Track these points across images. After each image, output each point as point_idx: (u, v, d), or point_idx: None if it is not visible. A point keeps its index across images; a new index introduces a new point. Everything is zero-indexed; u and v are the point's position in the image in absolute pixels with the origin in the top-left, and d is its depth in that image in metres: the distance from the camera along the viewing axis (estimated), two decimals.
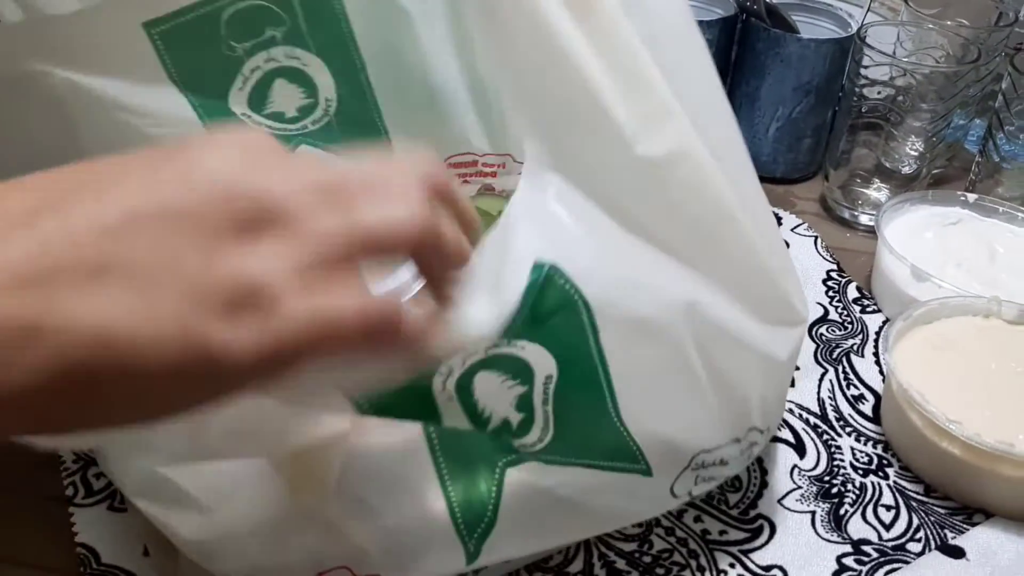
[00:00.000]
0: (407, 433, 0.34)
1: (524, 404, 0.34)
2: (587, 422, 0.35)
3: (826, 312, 0.60)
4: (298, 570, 0.35)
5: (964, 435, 0.45)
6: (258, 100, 0.44)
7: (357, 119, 0.47)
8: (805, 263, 0.64)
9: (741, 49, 0.71)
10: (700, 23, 0.67)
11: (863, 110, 0.67)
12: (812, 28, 0.73)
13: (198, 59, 0.40)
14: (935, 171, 0.74)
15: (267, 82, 0.44)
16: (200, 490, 0.34)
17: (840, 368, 0.56)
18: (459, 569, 0.37)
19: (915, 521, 0.47)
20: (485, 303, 0.31)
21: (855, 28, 0.70)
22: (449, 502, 0.35)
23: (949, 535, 0.46)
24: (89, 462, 0.46)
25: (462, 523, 0.35)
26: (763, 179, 0.70)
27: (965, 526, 0.47)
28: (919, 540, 0.46)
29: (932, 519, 0.47)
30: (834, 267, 0.64)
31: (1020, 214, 0.62)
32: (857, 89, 0.66)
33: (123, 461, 0.37)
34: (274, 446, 0.34)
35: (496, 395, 0.33)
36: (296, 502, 0.35)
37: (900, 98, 0.64)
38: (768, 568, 0.44)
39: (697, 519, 0.46)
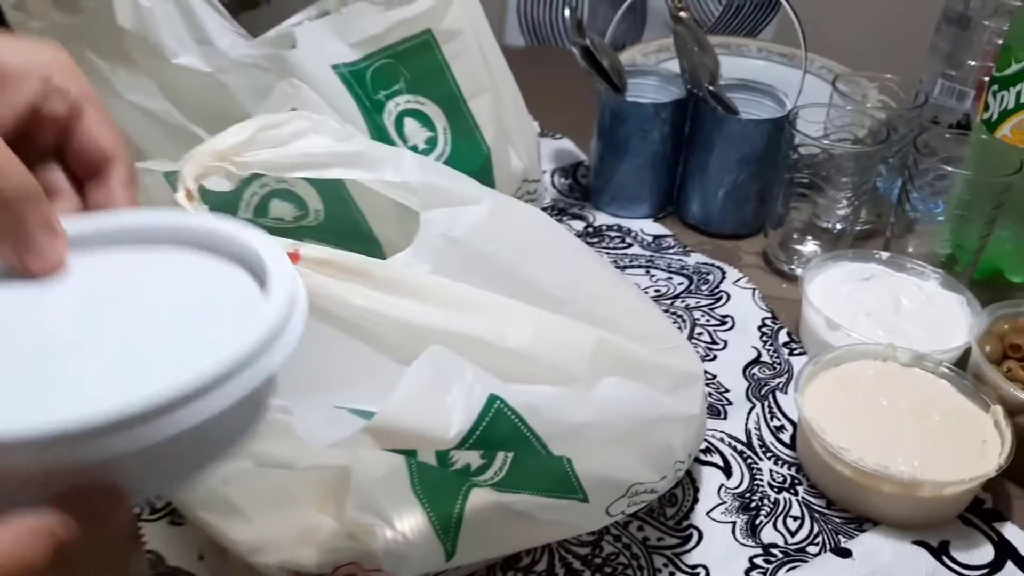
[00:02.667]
0: (395, 463, 0.45)
1: (488, 455, 0.45)
2: (535, 469, 0.46)
3: (759, 355, 0.72)
4: (320, 564, 0.46)
5: (850, 459, 0.56)
6: (260, 213, 0.56)
7: (344, 221, 0.59)
8: (744, 312, 0.75)
9: (692, 126, 0.83)
10: (658, 104, 0.80)
11: (796, 178, 0.78)
12: (755, 106, 0.84)
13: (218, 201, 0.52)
14: (866, 226, 0.86)
15: (264, 203, 0.57)
16: (248, 504, 0.46)
17: (766, 403, 0.67)
18: (441, 565, 0.48)
19: (816, 529, 0.58)
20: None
21: (790, 107, 0.81)
22: (427, 514, 0.46)
23: (842, 539, 0.57)
24: None
25: (439, 529, 0.46)
26: (714, 235, 0.83)
27: (856, 532, 0.58)
28: (817, 544, 0.57)
29: (830, 527, 0.58)
30: (768, 315, 0.75)
31: (926, 270, 0.74)
32: (790, 161, 0.78)
33: None
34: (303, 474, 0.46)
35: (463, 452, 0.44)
36: (319, 513, 0.47)
37: (824, 173, 0.76)
38: (694, 567, 0.55)
39: (640, 528, 0.57)
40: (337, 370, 0.54)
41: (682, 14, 0.92)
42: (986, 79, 0.79)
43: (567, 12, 0.79)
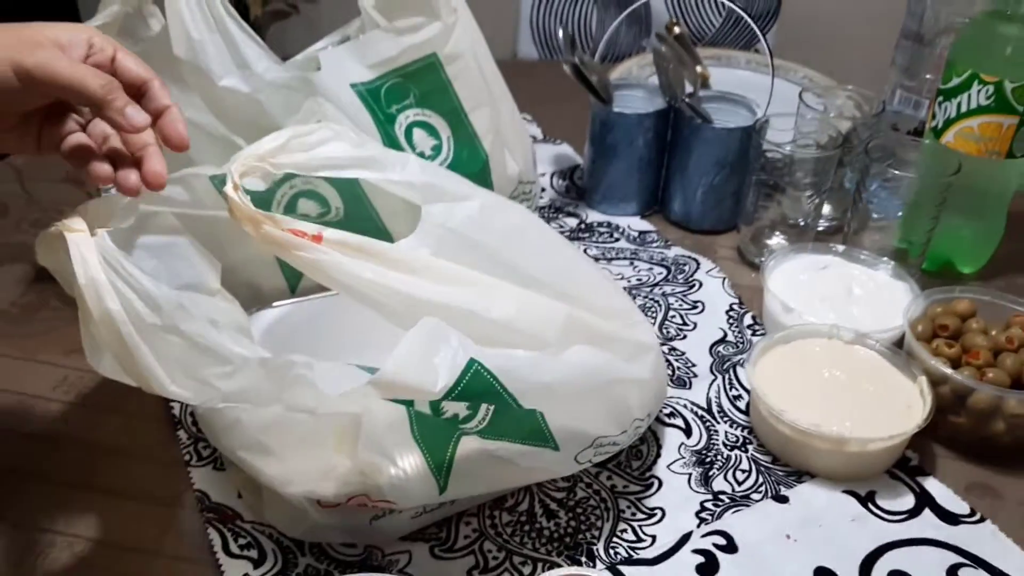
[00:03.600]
0: (398, 412, 0.56)
1: (473, 406, 0.55)
2: (512, 421, 0.57)
3: (725, 335, 0.81)
4: (337, 495, 0.57)
5: (788, 419, 0.66)
6: (289, 210, 0.67)
7: (360, 217, 0.70)
8: (714, 298, 0.85)
9: (674, 134, 0.93)
10: (641, 114, 0.90)
11: (763, 179, 0.88)
12: (731, 115, 0.94)
13: (256, 198, 0.63)
14: (832, 222, 0.95)
15: (293, 201, 0.68)
16: (279, 446, 0.57)
17: (727, 376, 0.77)
18: (435, 498, 0.58)
19: (760, 480, 0.68)
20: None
21: (759, 116, 0.91)
22: (424, 456, 0.57)
23: (782, 489, 0.67)
24: (198, 438, 0.69)
25: (434, 468, 0.57)
26: (694, 231, 0.93)
27: (795, 483, 0.67)
28: (760, 492, 0.67)
29: (773, 479, 0.68)
30: (736, 301, 0.85)
31: (878, 261, 0.83)
32: (758, 164, 0.87)
33: (227, 432, 0.59)
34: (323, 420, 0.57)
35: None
36: (337, 454, 0.57)
37: (786, 175, 0.85)
38: (653, 509, 0.65)
39: (608, 478, 0.67)
40: (351, 333, 0.65)
41: (676, 29, 1.02)
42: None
43: (560, 32, 0.89)
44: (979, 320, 0.74)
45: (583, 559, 0.61)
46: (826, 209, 0.96)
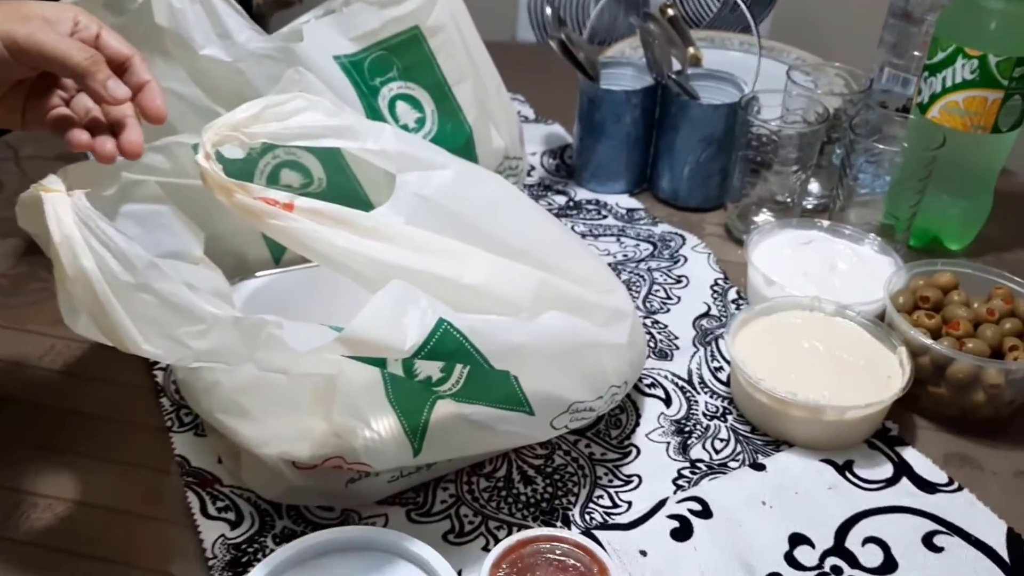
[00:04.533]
0: (373, 375, 0.56)
1: (447, 368, 0.56)
2: (488, 383, 0.57)
3: (709, 309, 0.82)
4: (312, 456, 0.57)
5: (765, 388, 0.66)
6: (272, 180, 0.68)
7: (343, 188, 0.70)
8: (699, 273, 0.85)
9: (661, 111, 0.93)
10: (629, 92, 0.90)
11: (752, 156, 0.88)
12: (719, 92, 0.94)
13: (235, 168, 0.63)
14: (822, 199, 0.95)
15: (275, 172, 0.68)
16: (255, 408, 0.57)
17: (709, 349, 0.77)
18: (409, 460, 0.59)
19: (738, 449, 0.68)
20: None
21: (747, 92, 0.91)
22: (399, 419, 0.57)
23: (759, 457, 0.67)
24: (180, 406, 0.69)
25: (409, 432, 0.57)
26: (682, 209, 0.93)
27: (772, 452, 0.68)
28: (738, 460, 0.67)
29: (751, 447, 0.68)
30: (721, 276, 0.85)
31: (863, 236, 0.83)
32: (744, 141, 0.87)
33: (206, 394, 0.60)
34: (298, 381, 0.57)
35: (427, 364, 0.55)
36: (312, 416, 0.58)
37: (772, 151, 0.86)
38: (630, 476, 0.65)
39: (587, 445, 0.68)
40: (333, 303, 0.66)
41: (670, 11, 1.02)
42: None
43: (547, 9, 0.89)
44: (960, 293, 0.74)
45: (558, 524, 0.62)
46: (815, 187, 0.96)
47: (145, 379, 0.72)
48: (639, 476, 0.65)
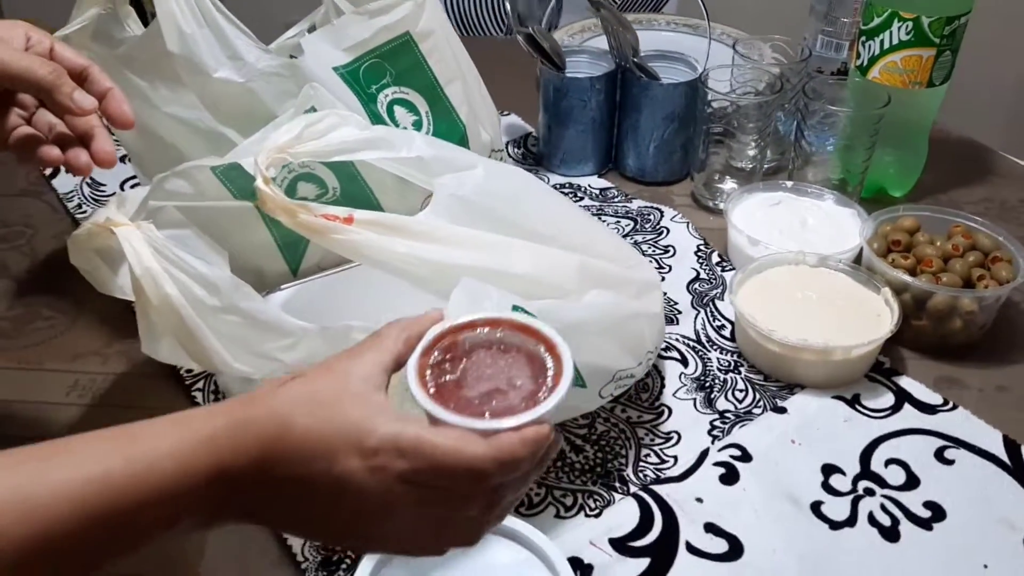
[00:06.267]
0: None
1: None
2: None
3: (698, 274, 0.88)
4: None
5: (778, 338, 0.72)
6: (289, 193, 0.70)
7: (355, 194, 0.73)
8: (681, 241, 0.91)
9: (623, 94, 0.98)
10: (592, 78, 0.95)
11: (712, 128, 0.94)
12: (672, 71, 1.00)
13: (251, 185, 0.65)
14: (772, 163, 1.02)
15: (292, 185, 0.70)
16: None
17: (708, 309, 0.83)
18: None
19: (757, 396, 0.74)
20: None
21: (701, 70, 0.97)
22: None
23: (778, 401, 0.73)
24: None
25: None
26: (650, 183, 0.99)
27: (788, 395, 0.74)
28: (760, 406, 0.73)
29: (768, 394, 0.74)
30: (702, 242, 0.91)
31: (823, 192, 0.91)
32: (705, 114, 0.93)
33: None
34: None
35: None
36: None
37: (733, 122, 0.92)
38: (668, 433, 0.71)
39: (623, 410, 0.73)
40: (360, 306, 0.68)
41: None
42: (856, 31, 0.97)
43: (507, 5, 0.93)
44: (924, 234, 0.83)
45: (616, 484, 0.66)
46: (751, 153, 1.03)
47: (183, 402, 0.73)
48: (677, 432, 0.71)
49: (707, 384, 0.75)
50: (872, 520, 0.64)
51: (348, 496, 0.41)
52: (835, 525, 0.64)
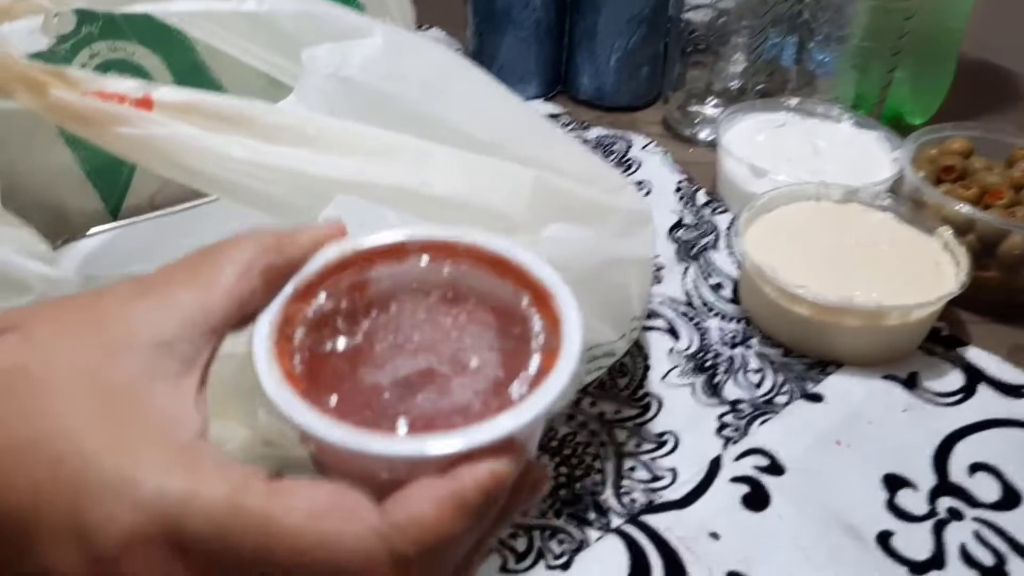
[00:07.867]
0: None
1: None
2: None
3: (681, 217, 0.66)
4: None
5: (811, 296, 0.51)
6: None
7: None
8: (656, 177, 0.69)
9: None
10: None
11: (691, 35, 0.73)
12: None
13: None
14: (758, 87, 0.81)
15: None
16: None
17: (699, 263, 0.62)
18: None
19: (779, 379, 0.53)
20: None
21: None
22: None
23: (809, 385, 0.52)
24: None
25: None
26: (610, 109, 0.76)
27: (821, 377, 0.53)
28: (785, 393, 0.52)
29: (793, 375, 0.53)
30: (683, 178, 0.70)
31: (834, 112, 0.70)
32: (683, 16, 0.72)
33: None
34: None
35: None
36: (222, 420, 0.37)
37: (722, 20, 0.71)
38: (661, 435, 0.49)
39: (593, 403, 0.50)
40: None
41: None
42: None
43: None
44: (979, 159, 0.62)
45: (591, 515, 0.44)
46: (740, 68, 0.81)
47: None
48: (673, 434, 0.49)
49: (707, 364, 0.53)
50: (966, 557, 0.43)
51: None
52: (916, 567, 0.43)
